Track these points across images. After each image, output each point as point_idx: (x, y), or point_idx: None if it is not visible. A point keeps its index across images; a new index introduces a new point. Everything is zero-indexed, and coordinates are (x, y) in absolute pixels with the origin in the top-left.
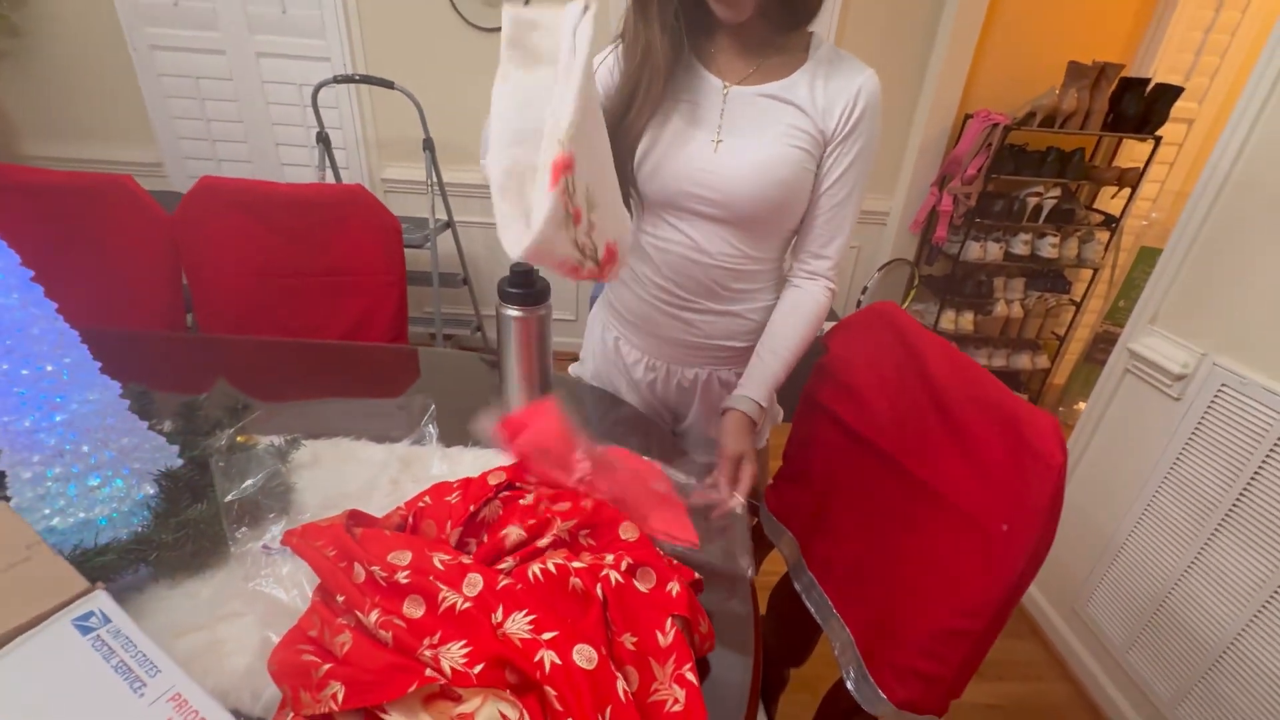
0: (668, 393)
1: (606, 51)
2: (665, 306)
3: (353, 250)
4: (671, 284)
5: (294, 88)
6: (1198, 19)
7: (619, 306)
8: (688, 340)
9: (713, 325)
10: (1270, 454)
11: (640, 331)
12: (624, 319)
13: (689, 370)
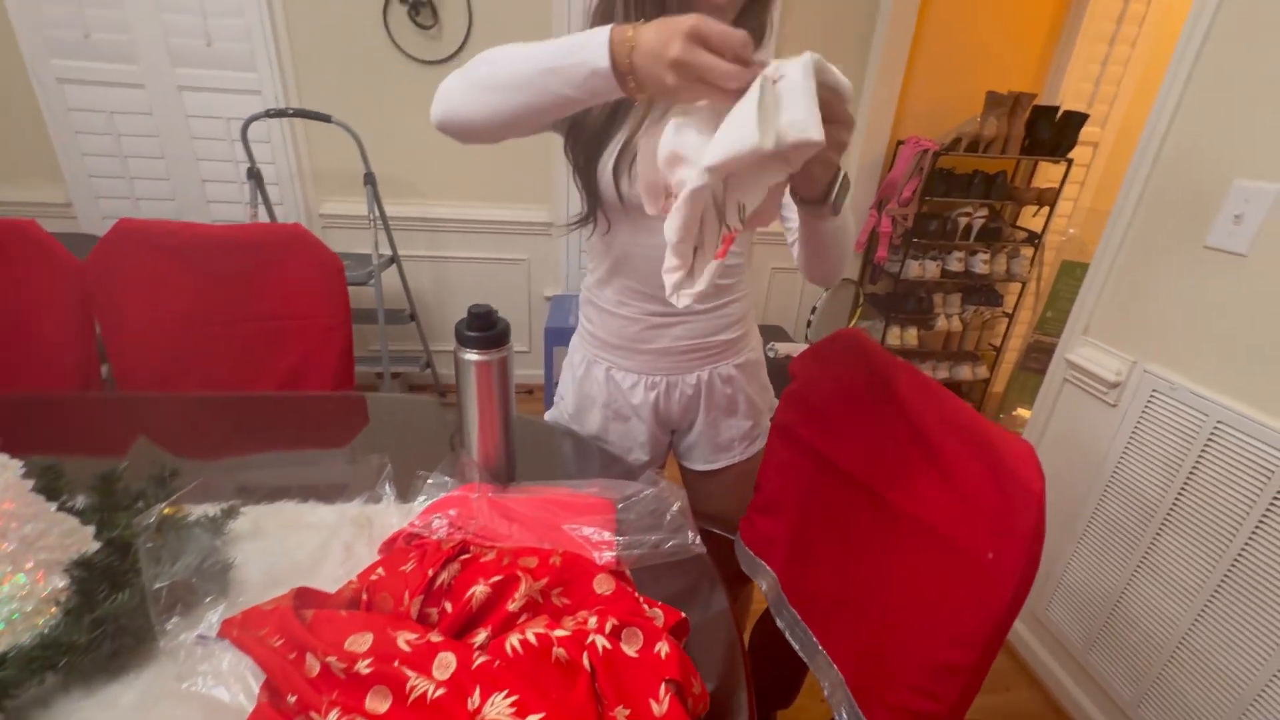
0: (671, 406)
1: None
2: (655, 319)
3: (291, 293)
4: (654, 292)
5: (221, 122)
6: (1094, 53)
7: (604, 336)
8: (682, 347)
9: (701, 325)
10: (1202, 455)
11: (632, 353)
12: (612, 346)
13: (689, 376)
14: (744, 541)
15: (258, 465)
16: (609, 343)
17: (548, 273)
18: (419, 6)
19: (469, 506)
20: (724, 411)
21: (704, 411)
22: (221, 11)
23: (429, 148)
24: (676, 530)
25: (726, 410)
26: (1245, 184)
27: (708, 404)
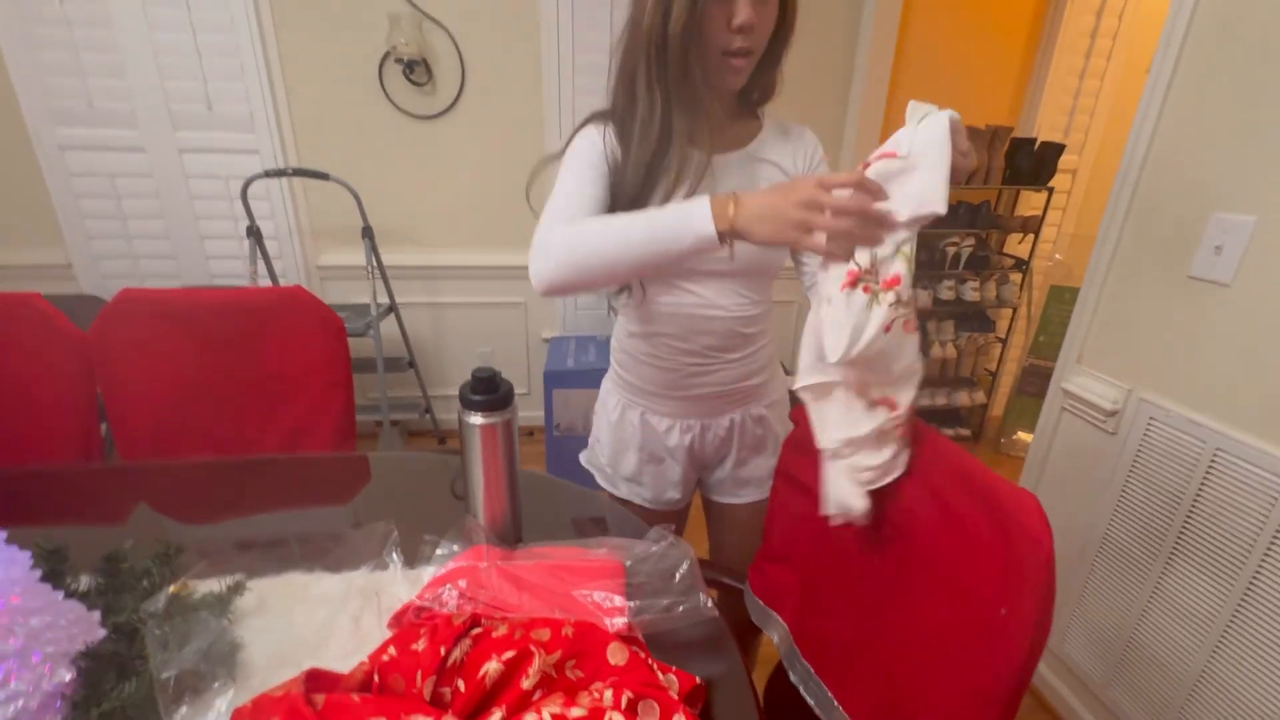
0: (705, 448)
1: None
2: (689, 367)
3: (292, 353)
4: (692, 345)
5: (221, 181)
6: (1066, 85)
7: (638, 382)
8: (716, 392)
9: (734, 371)
10: (1204, 482)
11: (667, 399)
12: (646, 392)
13: (722, 420)
14: (753, 591)
15: (261, 532)
16: (645, 390)
17: (545, 315)
18: (413, 65)
19: (478, 576)
20: (753, 450)
21: (735, 450)
22: (222, 76)
23: (425, 198)
24: (687, 591)
25: (755, 449)
26: (1224, 216)
27: (739, 443)
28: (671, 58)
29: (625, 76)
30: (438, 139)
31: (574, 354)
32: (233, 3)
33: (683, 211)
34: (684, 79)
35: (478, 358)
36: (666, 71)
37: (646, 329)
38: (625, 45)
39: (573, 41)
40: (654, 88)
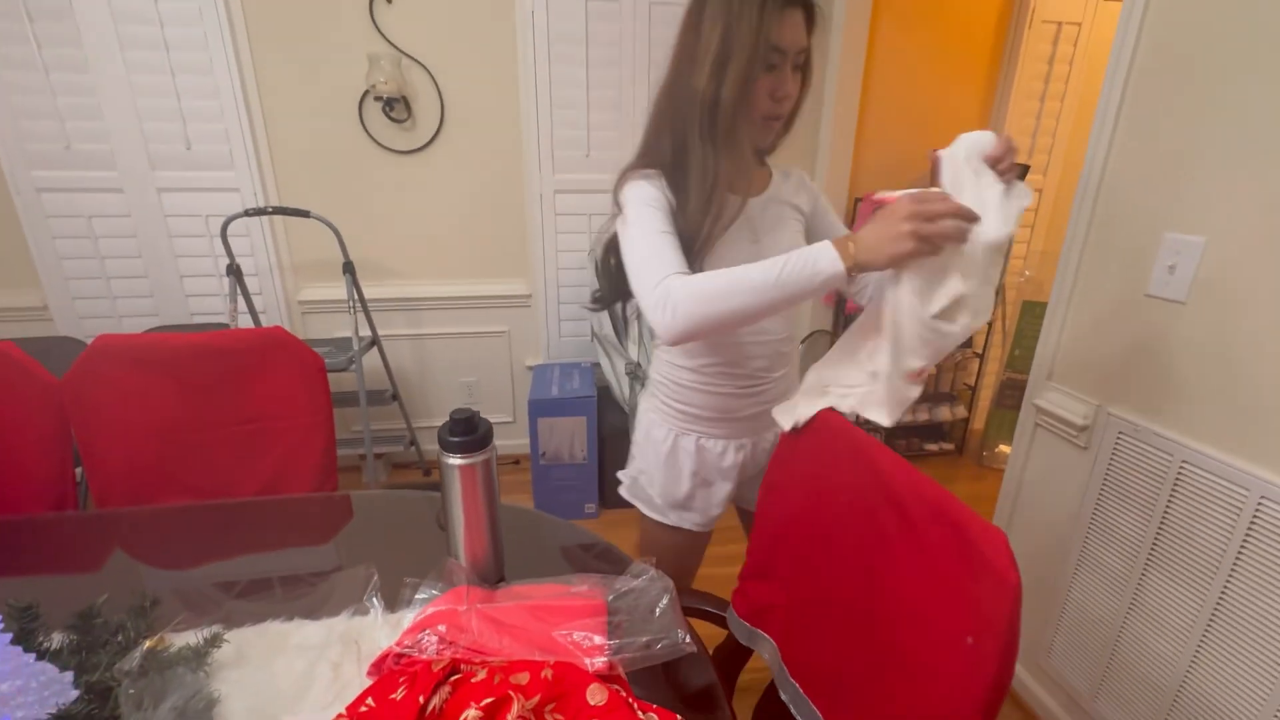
0: (755, 463)
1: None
2: (743, 389)
3: (271, 395)
4: (744, 369)
5: (200, 220)
6: (1028, 109)
7: (691, 409)
8: (765, 409)
9: (780, 387)
10: (1173, 495)
11: (721, 422)
12: (700, 418)
13: (769, 434)
14: (737, 612)
15: (241, 578)
16: (699, 415)
17: (528, 343)
18: (393, 103)
19: (458, 619)
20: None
21: None
22: (201, 116)
23: (406, 231)
24: (667, 628)
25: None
26: (1175, 236)
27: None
28: (722, 119)
29: (675, 132)
30: (418, 173)
31: (558, 381)
32: (211, 44)
33: (808, 258)
34: (731, 137)
35: (462, 387)
36: (716, 130)
37: (696, 361)
38: (673, 106)
39: (550, 76)
40: (706, 143)
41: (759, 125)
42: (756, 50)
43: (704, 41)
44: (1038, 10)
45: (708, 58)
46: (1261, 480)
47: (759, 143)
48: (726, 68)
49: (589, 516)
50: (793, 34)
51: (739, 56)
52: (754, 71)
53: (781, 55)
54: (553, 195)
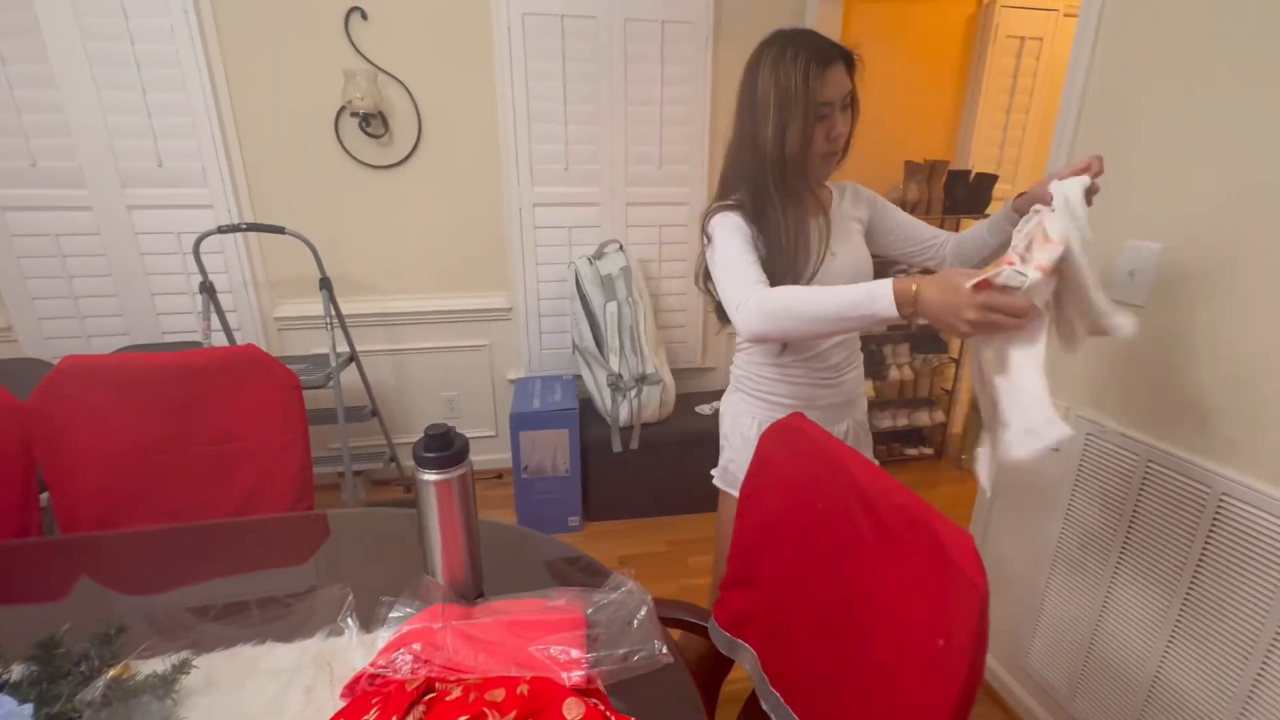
0: None
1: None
2: (824, 379)
3: (245, 414)
4: (824, 363)
5: (172, 237)
6: (994, 120)
7: (776, 399)
8: (838, 400)
9: (851, 379)
10: (1140, 494)
11: (803, 408)
12: (784, 405)
13: (840, 425)
14: (718, 622)
15: (213, 602)
16: (784, 404)
17: (509, 356)
18: (369, 119)
19: (433, 637)
20: (860, 447)
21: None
22: (173, 133)
23: (384, 246)
24: (644, 639)
25: (860, 446)
26: (1135, 243)
27: (856, 444)
28: (791, 170)
29: (750, 185)
30: (396, 188)
31: (540, 394)
32: (183, 60)
33: (868, 295)
34: (799, 181)
35: (442, 402)
36: (787, 180)
37: (784, 358)
38: (743, 160)
39: (527, 91)
40: (780, 192)
41: (821, 163)
42: (809, 110)
43: (760, 106)
44: (1001, 26)
45: (768, 121)
46: (1223, 478)
47: (822, 177)
48: (786, 129)
49: (572, 530)
50: (836, 86)
51: (795, 118)
52: (810, 127)
53: (829, 106)
54: (532, 208)
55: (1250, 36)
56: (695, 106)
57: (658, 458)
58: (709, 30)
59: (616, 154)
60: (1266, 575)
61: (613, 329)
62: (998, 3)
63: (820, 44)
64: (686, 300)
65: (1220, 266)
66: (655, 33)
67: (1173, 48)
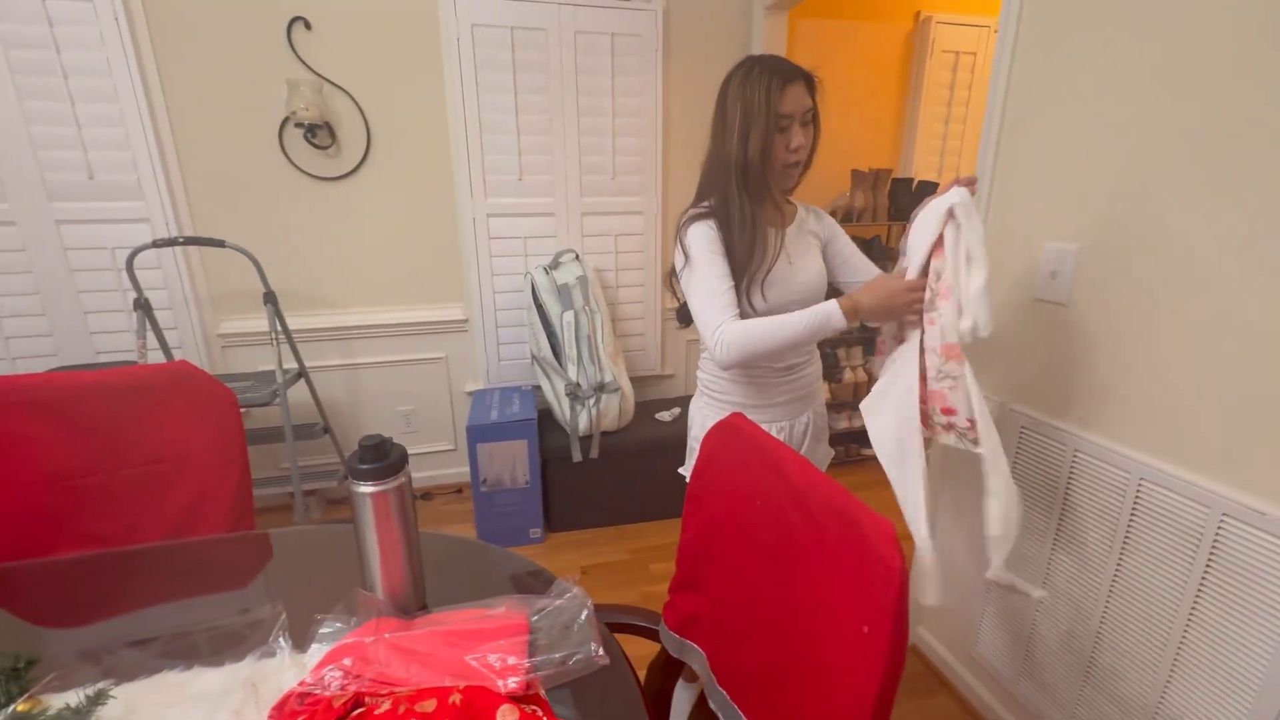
0: (790, 440)
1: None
2: (784, 377)
3: (178, 433)
4: (782, 362)
5: (106, 252)
6: (933, 130)
7: (735, 398)
8: (798, 395)
9: (810, 374)
10: (1069, 481)
11: (764, 407)
12: (742, 405)
13: (801, 418)
14: (667, 624)
15: (142, 628)
16: (742, 403)
17: (467, 368)
18: (315, 130)
19: (365, 652)
20: (816, 440)
21: (809, 441)
22: (104, 145)
23: (334, 259)
24: (583, 643)
25: (818, 438)
26: (1054, 245)
27: (813, 434)
28: (752, 174)
29: (719, 189)
30: (345, 199)
31: (498, 406)
32: (114, 70)
33: (823, 315)
34: (761, 187)
35: (399, 416)
36: (749, 184)
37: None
38: (715, 168)
39: (478, 102)
40: (743, 195)
41: (781, 172)
42: (769, 120)
43: (729, 118)
44: (937, 41)
45: (734, 131)
46: (1141, 464)
47: (784, 185)
48: (749, 137)
49: (534, 542)
50: (795, 101)
51: (757, 126)
52: (770, 135)
53: (789, 119)
54: (486, 219)
55: (1148, 52)
56: (647, 118)
57: (618, 466)
58: (658, 43)
59: (570, 164)
60: (1181, 553)
61: (570, 338)
62: (933, 19)
63: (783, 65)
64: (645, 308)
65: (1131, 265)
66: (605, 45)
67: (1081, 61)
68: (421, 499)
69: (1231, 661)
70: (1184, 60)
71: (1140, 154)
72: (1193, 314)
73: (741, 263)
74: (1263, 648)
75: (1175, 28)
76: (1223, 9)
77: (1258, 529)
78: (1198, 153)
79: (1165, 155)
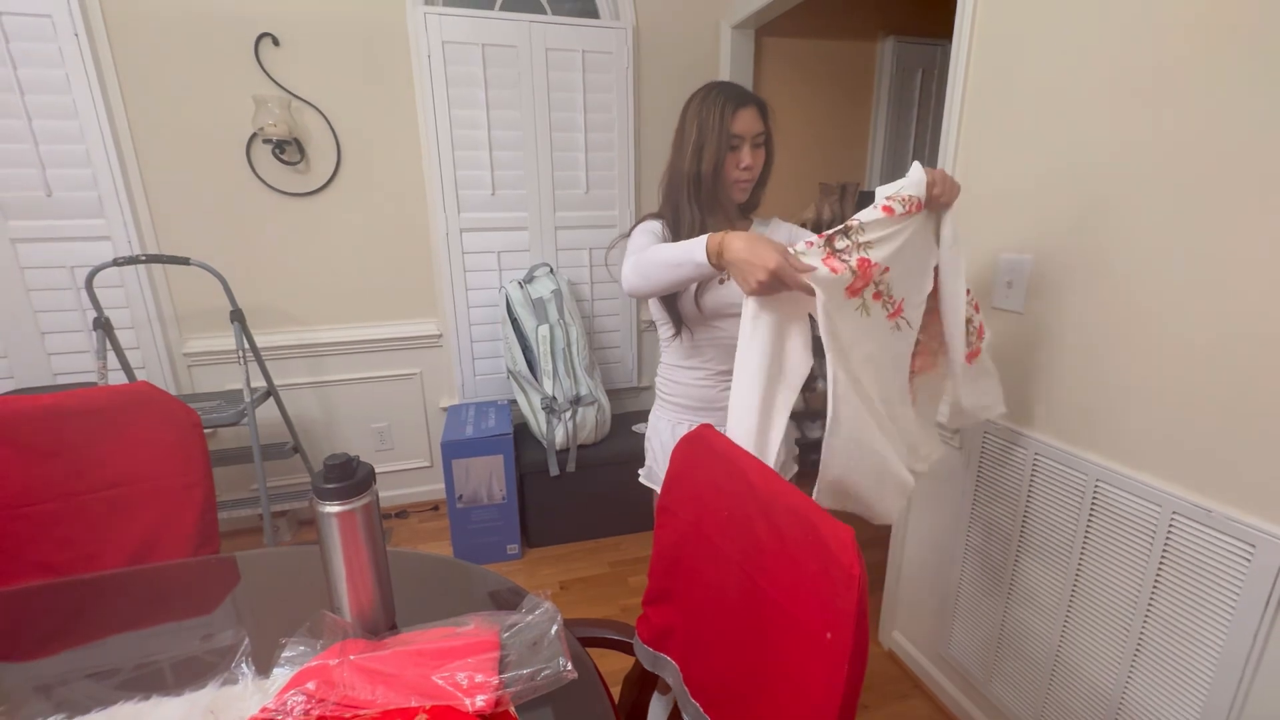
0: None
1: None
2: (723, 381)
3: (136, 456)
4: (727, 365)
5: (65, 271)
6: (899, 146)
7: (688, 402)
8: None
9: None
10: (1031, 485)
11: (705, 411)
12: (695, 409)
13: None
14: (641, 638)
15: (97, 659)
16: (694, 406)
17: (442, 384)
18: (284, 145)
19: (330, 675)
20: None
21: None
22: (63, 162)
23: (304, 275)
24: (552, 658)
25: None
26: (1009, 255)
27: None
28: (704, 186)
29: (672, 199)
30: (316, 215)
31: (473, 421)
32: (74, 86)
33: (690, 246)
34: (712, 200)
35: (372, 434)
36: (700, 194)
37: (691, 361)
38: (671, 180)
39: (450, 118)
40: (693, 205)
41: (732, 188)
42: (722, 138)
43: (686, 135)
44: (899, 59)
45: (689, 146)
46: (1097, 465)
47: (734, 200)
48: (703, 152)
49: (512, 558)
50: (746, 123)
51: (710, 144)
52: (722, 153)
53: (740, 139)
54: (459, 234)
55: (1093, 72)
56: (618, 132)
57: (596, 479)
58: (629, 60)
59: (543, 178)
60: (1136, 552)
61: (545, 352)
62: (893, 38)
63: (738, 90)
64: (621, 320)
65: (1083, 275)
66: (576, 62)
67: (1030, 80)
68: (397, 517)
69: (1186, 654)
70: (1127, 80)
71: (1087, 169)
72: (1138, 322)
73: None
74: (1214, 640)
75: (1118, 48)
76: (1164, 28)
77: (1205, 526)
78: (1141, 168)
79: (1111, 170)
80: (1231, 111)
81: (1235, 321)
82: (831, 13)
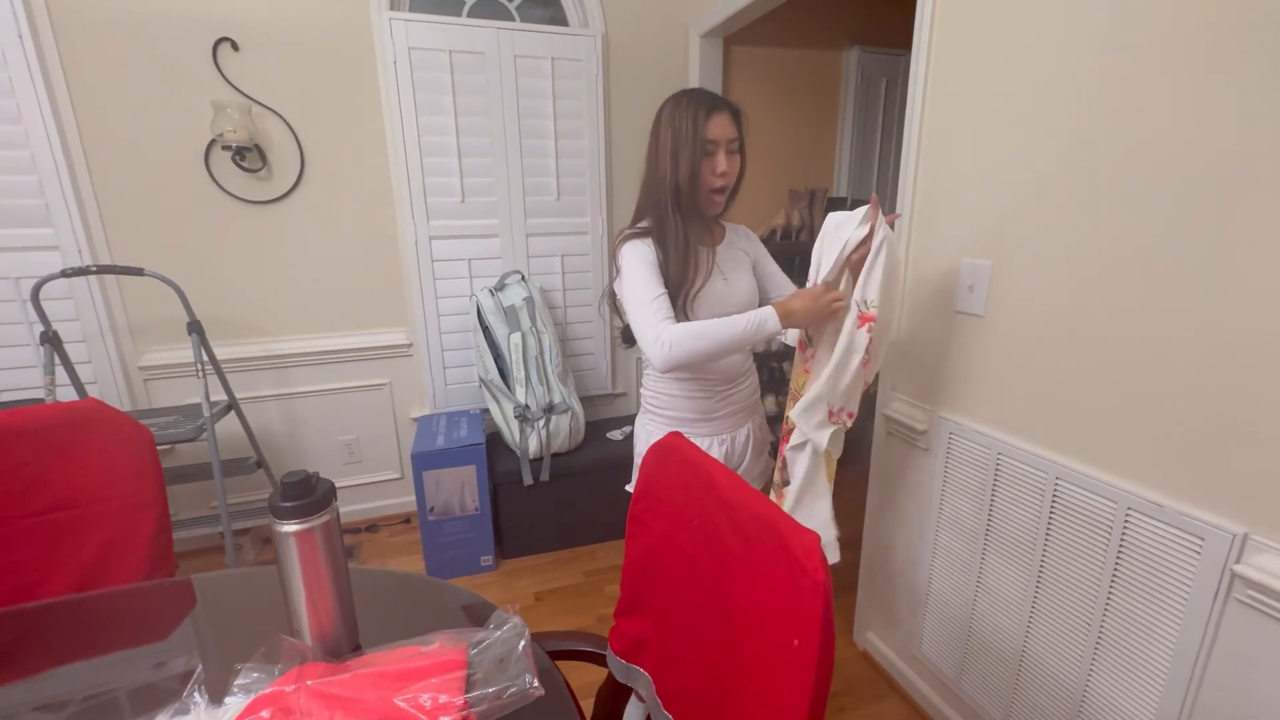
0: (734, 454)
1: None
2: (720, 390)
3: (87, 476)
4: (718, 375)
5: (10, 283)
6: (865, 154)
7: (677, 413)
8: (738, 408)
9: (747, 387)
10: (995, 484)
11: (704, 421)
12: (686, 419)
13: (742, 429)
14: (613, 650)
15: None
16: (684, 418)
17: (412, 394)
18: (244, 152)
19: (286, 701)
20: (757, 454)
21: (751, 451)
22: (7, 168)
23: (268, 285)
24: (518, 675)
25: (759, 452)
26: (970, 260)
27: (755, 449)
28: (684, 195)
29: (655, 210)
30: (279, 224)
31: (444, 431)
32: (19, 90)
33: (759, 318)
34: (692, 208)
35: (340, 446)
36: (680, 204)
37: (681, 376)
38: (651, 191)
39: (417, 124)
40: (675, 215)
41: (707, 196)
42: (696, 144)
43: (662, 142)
44: (863, 69)
45: (666, 154)
46: (1057, 464)
47: (712, 210)
48: (679, 160)
49: (486, 569)
50: (720, 129)
51: (685, 151)
52: (697, 159)
53: (715, 145)
54: (429, 241)
55: (1045, 82)
56: (589, 139)
57: (571, 488)
58: (598, 68)
59: (513, 185)
60: (1095, 547)
61: (517, 360)
62: (858, 49)
63: (710, 96)
64: (594, 327)
65: (1039, 280)
66: (545, 69)
67: (986, 90)
68: (367, 531)
69: (1143, 646)
70: (1078, 87)
71: (1044, 175)
72: (1091, 325)
73: (676, 280)
74: (1168, 631)
75: (1069, 58)
76: (1114, 38)
77: (1158, 520)
78: (1096, 175)
79: (1066, 176)
80: (1180, 119)
81: (1182, 325)
82: (798, 23)
